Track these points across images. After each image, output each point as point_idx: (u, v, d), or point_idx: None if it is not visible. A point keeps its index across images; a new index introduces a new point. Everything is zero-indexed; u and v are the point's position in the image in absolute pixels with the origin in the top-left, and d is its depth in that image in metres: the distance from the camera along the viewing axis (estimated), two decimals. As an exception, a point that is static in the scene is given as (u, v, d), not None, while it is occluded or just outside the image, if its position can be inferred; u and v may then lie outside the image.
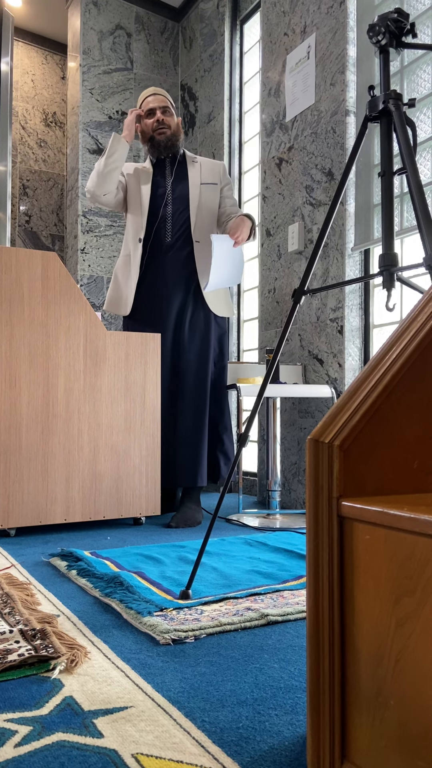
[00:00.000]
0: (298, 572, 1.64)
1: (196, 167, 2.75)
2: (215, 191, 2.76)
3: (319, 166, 2.82)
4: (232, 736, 0.83)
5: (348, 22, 2.67)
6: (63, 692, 0.96)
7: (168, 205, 2.70)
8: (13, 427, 2.16)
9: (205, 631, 1.22)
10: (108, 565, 1.70)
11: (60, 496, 2.23)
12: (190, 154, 2.79)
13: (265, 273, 3.19)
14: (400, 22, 1.44)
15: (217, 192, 2.76)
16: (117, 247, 4.00)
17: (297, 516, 2.65)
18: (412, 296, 2.51)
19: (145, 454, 2.40)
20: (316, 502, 0.71)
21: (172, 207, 2.70)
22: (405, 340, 0.76)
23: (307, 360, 2.85)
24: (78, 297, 2.28)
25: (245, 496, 3.40)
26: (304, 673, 1.04)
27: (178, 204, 2.70)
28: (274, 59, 3.16)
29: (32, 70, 4.75)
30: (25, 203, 4.68)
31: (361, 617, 0.67)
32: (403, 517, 0.60)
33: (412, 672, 0.60)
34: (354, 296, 2.66)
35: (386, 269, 1.42)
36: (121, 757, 0.77)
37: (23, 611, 1.29)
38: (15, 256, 2.18)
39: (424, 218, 1.33)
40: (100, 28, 4.00)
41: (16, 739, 0.82)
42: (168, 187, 2.72)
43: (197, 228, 2.67)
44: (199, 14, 4.04)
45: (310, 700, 0.72)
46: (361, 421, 0.70)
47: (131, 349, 2.39)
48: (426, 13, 2.35)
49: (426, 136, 2.33)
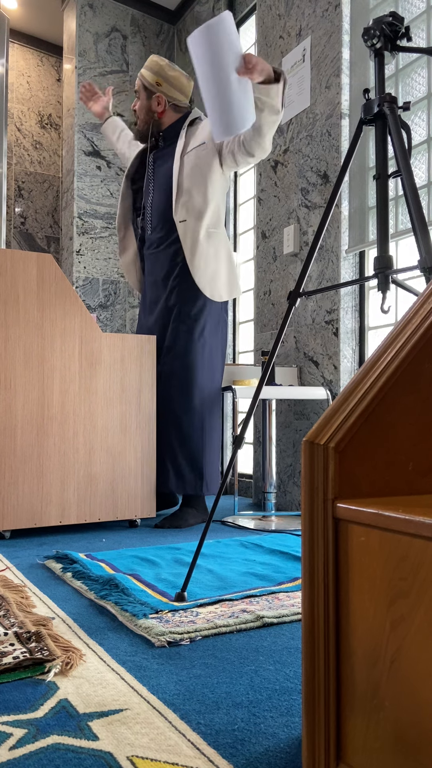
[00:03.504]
0: (293, 574, 1.64)
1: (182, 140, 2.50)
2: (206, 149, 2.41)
3: (315, 169, 2.82)
4: (228, 738, 0.83)
5: (343, 26, 2.68)
6: (58, 695, 0.95)
7: (149, 195, 2.60)
8: (7, 429, 2.15)
9: (201, 633, 1.22)
10: (103, 567, 1.70)
11: (55, 498, 2.22)
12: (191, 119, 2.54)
13: (260, 275, 3.19)
14: (394, 26, 1.45)
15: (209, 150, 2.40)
16: (112, 249, 3.99)
17: (292, 518, 2.65)
18: (407, 298, 2.52)
19: (141, 456, 2.40)
20: (311, 504, 0.71)
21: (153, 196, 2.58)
22: (400, 342, 0.77)
23: (302, 362, 2.86)
24: (73, 299, 2.28)
25: (241, 498, 3.40)
26: (299, 675, 1.04)
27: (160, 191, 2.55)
28: (269, 62, 3.17)
29: (28, 71, 4.75)
30: (20, 205, 4.68)
31: (356, 619, 0.67)
32: (398, 518, 0.60)
33: (407, 673, 0.60)
34: (349, 298, 2.66)
35: (381, 272, 1.43)
36: (116, 759, 0.77)
37: (18, 614, 1.29)
38: (10, 258, 2.17)
39: (418, 221, 1.34)
40: (95, 30, 4.01)
41: (10, 741, 0.81)
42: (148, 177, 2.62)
43: (181, 205, 2.43)
44: (195, 17, 4.05)
45: (305, 701, 0.72)
46: (356, 423, 0.70)
47: (127, 351, 2.39)
48: (421, 16, 2.36)
49: (420, 139, 2.34)
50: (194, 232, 2.43)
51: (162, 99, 2.53)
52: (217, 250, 2.48)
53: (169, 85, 2.53)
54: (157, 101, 2.54)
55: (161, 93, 2.53)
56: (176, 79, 2.54)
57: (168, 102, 2.55)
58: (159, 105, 2.54)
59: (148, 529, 2.41)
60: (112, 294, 4.01)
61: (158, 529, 2.41)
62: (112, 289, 4.01)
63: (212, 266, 2.46)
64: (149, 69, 2.53)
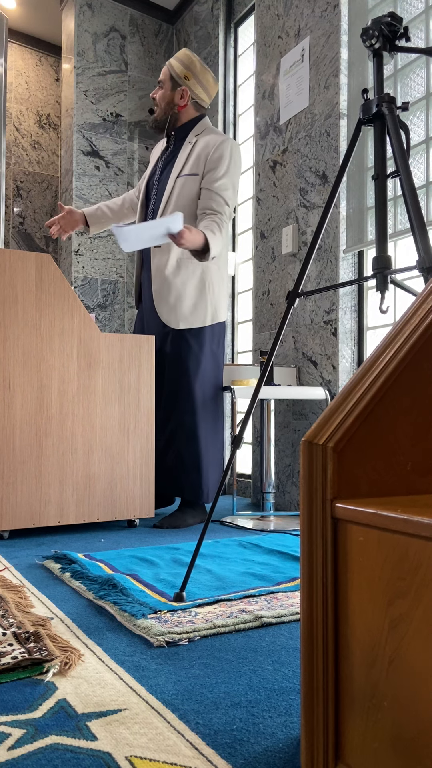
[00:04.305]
0: (292, 574, 1.64)
1: (187, 151, 2.48)
2: (195, 183, 2.43)
3: (313, 169, 2.82)
4: (226, 738, 0.83)
5: (342, 26, 2.68)
6: (56, 695, 0.95)
7: (151, 200, 2.58)
8: (6, 429, 2.15)
9: (199, 633, 1.22)
10: (102, 567, 1.70)
11: (53, 499, 2.22)
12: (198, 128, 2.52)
13: (259, 275, 3.19)
14: (393, 26, 1.45)
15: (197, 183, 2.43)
16: (111, 249, 3.99)
17: (291, 518, 2.65)
18: (405, 299, 2.52)
19: (139, 456, 2.40)
20: (310, 504, 0.71)
21: (154, 201, 2.56)
22: (398, 342, 0.77)
23: (301, 362, 2.86)
24: (72, 299, 2.28)
25: (239, 498, 3.40)
26: (297, 674, 1.04)
27: (159, 198, 2.54)
28: (268, 62, 3.17)
29: (26, 71, 4.74)
30: (18, 205, 4.67)
31: (354, 619, 0.67)
32: (397, 518, 0.60)
33: (406, 673, 0.60)
34: (348, 298, 2.67)
35: (380, 272, 1.43)
36: (114, 759, 0.77)
37: (16, 614, 1.29)
38: (9, 257, 2.17)
39: (417, 221, 1.34)
40: (94, 30, 4.00)
41: (9, 742, 0.81)
42: (156, 176, 2.58)
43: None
44: (194, 17, 4.05)
45: (303, 701, 0.72)
46: (355, 423, 0.70)
47: (125, 351, 2.39)
48: (419, 17, 2.36)
49: (419, 140, 2.34)
50: (161, 261, 2.47)
51: (186, 93, 2.51)
52: (185, 280, 2.46)
53: (196, 82, 2.51)
54: (180, 94, 2.51)
55: (187, 87, 2.51)
56: (205, 77, 2.52)
57: (191, 98, 2.53)
58: (182, 99, 2.51)
59: (146, 529, 2.41)
60: (110, 294, 4.01)
61: (157, 529, 2.41)
62: (110, 289, 4.01)
63: (174, 294, 2.46)
64: (180, 61, 2.50)
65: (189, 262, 2.46)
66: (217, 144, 2.42)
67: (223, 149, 2.41)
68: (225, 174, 2.39)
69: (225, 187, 2.38)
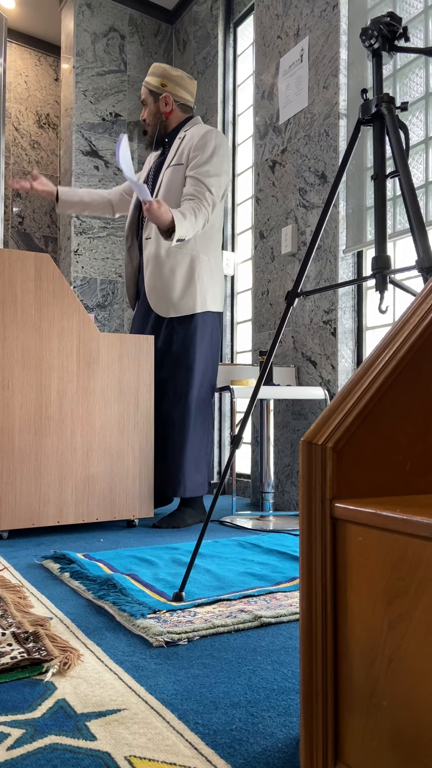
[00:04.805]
0: (291, 574, 1.64)
1: (176, 145, 2.53)
2: (181, 171, 2.46)
3: (312, 169, 2.82)
4: (226, 738, 0.83)
5: (341, 26, 2.68)
6: (56, 695, 0.95)
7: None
8: (5, 429, 2.15)
9: (199, 633, 1.22)
10: (101, 567, 1.70)
11: (53, 498, 2.22)
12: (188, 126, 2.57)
13: (258, 275, 3.19)
14: (392, 26, 1.45)
15: (182, 172, 2.46)
16: (110, 249, 3.99)
17: (290, 518, 2.65)
18: (404, 299, 2.52)
19: (139, 456, 2.40)
20: (309, 504, 0.71)
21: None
22: (397, 342, 0.77)
23: (300, 362, 2.86)
24: (71, 299, 2.28)
25: (239, 497, 3.40)
26: (297, 674, 1.04)
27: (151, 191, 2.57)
28: (267, 62, 3.17)
29: (25, 71, 4.74)
30: (18, 205, 4.67)
31: (354, 618, 0.67)
32: (396, 518, 0.61)
33: (405, 673, 0.60)
34: (347, 298, 2.67)
35: (379, 272, 1.43)
36: (114, 759, 0.77)
37: (16, 614, 1.29)
38: (8, 257, 2.17)
39: (416, 221, 1.34)
40: (93, 30, 4.00)
41: (8, 742, 0.81)
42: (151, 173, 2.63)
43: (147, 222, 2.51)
44: (193, 17, 4.05)
45: (303, 701, 0.72)
46: (354, 423, 0.70)
47: (124, 351, 2.39)
48: (418, 17, 2.36)
49: (418, 140, 2.34)
50: (150, 252, 2.51)
51: (169, 98, 2.55)
52: (173, 267, 2.47)
53: (174, 84, 2.55)
54: (164, 102, 2.55)
55: (167, 93, 2.55)
56: (180, 77, 2.56)
57: (175, 101, 2.57)
58: (167, 105, 2.55)
59: (146, 529, 2.41)
60: (109, 294, 4.01)
61: (156, 529, 2.41)
62: (110, 289, 4.01)
63: (163, 283, 2.48)
64: (152, 74, 2.57)
65: (177, 252, 2.49)
66: (202, 134, 2.45)
67: (207, 138, 2.43)
68: (207, 161, 2.40)
69: (207, 174, 2.39)
